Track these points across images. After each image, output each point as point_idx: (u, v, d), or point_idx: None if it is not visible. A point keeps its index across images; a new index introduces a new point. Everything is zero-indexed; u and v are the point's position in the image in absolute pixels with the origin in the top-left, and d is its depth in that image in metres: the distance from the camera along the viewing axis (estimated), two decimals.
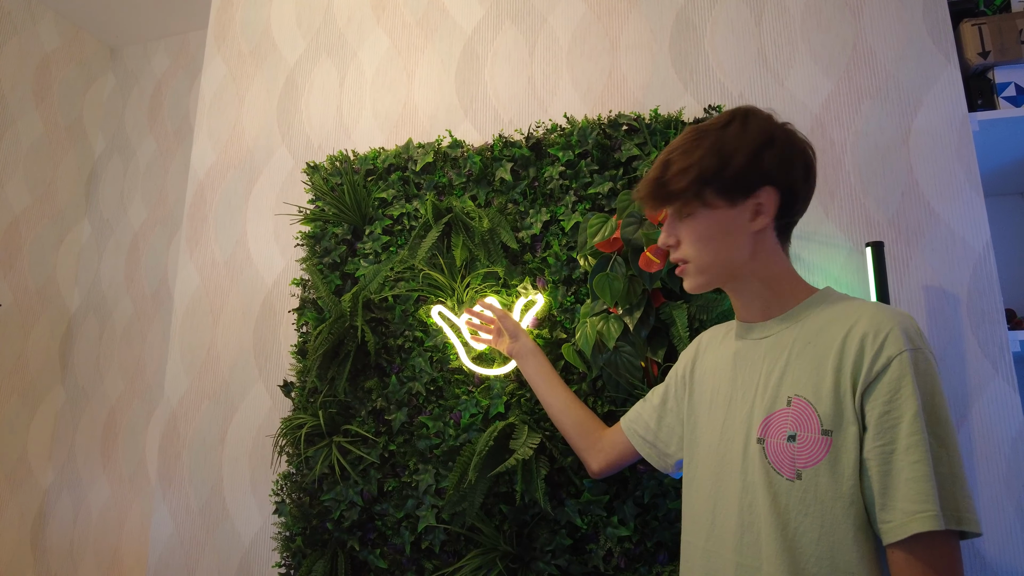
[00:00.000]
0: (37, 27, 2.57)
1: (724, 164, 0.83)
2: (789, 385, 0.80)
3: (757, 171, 0.83)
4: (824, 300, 0.85)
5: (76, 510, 2.45)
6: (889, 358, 0.73)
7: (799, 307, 0.86)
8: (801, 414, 0.78)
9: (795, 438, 0.77)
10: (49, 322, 2.56)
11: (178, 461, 1.74)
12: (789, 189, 0.85)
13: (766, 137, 0.84)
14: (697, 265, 0.88)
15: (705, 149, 0.84)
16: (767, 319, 0.89)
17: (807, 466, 0.76)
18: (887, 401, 0.72)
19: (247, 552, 1.61)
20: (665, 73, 1.53)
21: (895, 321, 0.75)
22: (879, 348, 0.74)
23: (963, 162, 1.30)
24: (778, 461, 0.79)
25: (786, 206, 0.86)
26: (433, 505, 1.38)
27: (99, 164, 2.78)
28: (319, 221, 1.63)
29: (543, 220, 1.43)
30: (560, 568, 1.28)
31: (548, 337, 1.38)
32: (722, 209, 0.85)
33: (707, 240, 0.86)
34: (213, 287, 1.83)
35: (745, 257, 0.86)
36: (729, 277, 0.89)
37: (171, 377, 1.81)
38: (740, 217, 0.85)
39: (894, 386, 0.72)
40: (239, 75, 1.97)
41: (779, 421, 0.80)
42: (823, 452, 0.75)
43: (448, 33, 1.75)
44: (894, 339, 0.74)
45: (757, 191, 0.84)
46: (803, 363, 0.80)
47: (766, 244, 0.87)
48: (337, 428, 1.49)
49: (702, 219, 0.86)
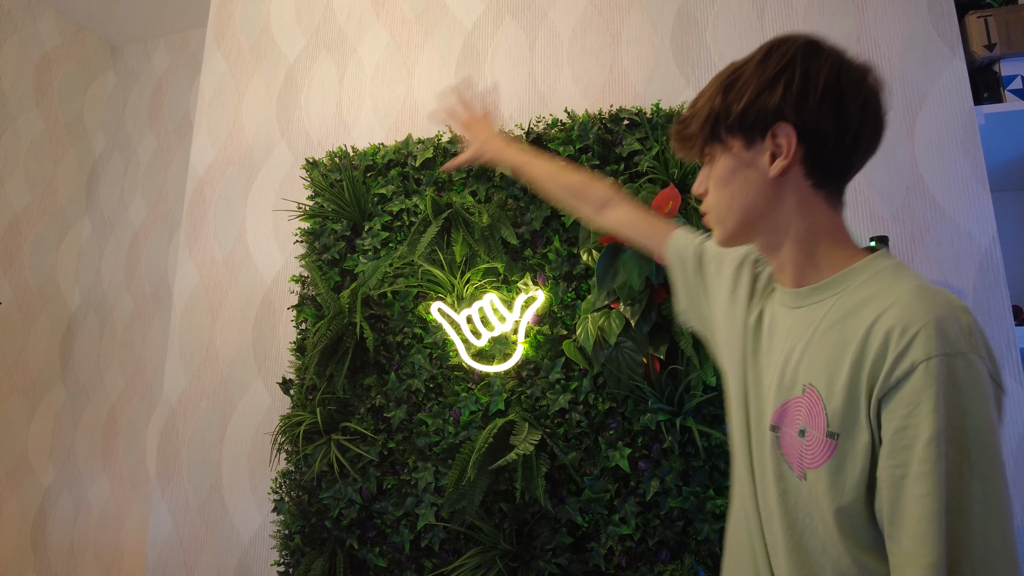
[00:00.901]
0: (37, 25, 2.57)
1: (735, 99, 0.72)
2: (806, 371, 0.69)
3: (769, 104, 0.70)
4: (867, 271, 0.70)
5: (76, 508, 2.44)
6: (913, 364, 0.59)
7: (837, 276, 0.71)
8: (812, 407, 0.67)
9: (804, 433, 0.68)
10: (49, 320, 2.56)
11: (177, 459, 1.73)
12: (809, 126, 0.69)
13: (783, 64, 0.70)
14: (715, 214, 0.78)
15: (719, 84, 0.75)
16: (800, 287, 0.75)
17: (811, 467, 0.66)
18: (904, 416, 0.59)
19: (246, 550, 1.60)
20: (667, 67, 1.51)
21: (932, 315, 0.59)
22: (903, 349, 0.60)
23: (969, 156, 1.29)
24: (790, 454, 0.70)
25: (812, 147, 0.70)
26: (432, 503, 1.37)
27: (99, 162, 2.77)
28: (318, 217, 1.62)
29: (544, 216, 1.41)
30: (560, 567, 1.26)
31: (549, 333, 1.37)
32: (738, 150, 0.74)
33: (723, 184, 0.76)
34: (212, 284, 1.82)
35: (764, 207, 0.74)
36: (750, 230, 0.76)
37: (170, 375, 1.80)
38: (757, 159, 0.73)
39: (914, 399, 0.58)
40: (239, 72, 1.96)
41: (794, 410, 0.70)
42: (825, 456, 0.65)
43: (448, 28, 1.73)
44: (924, 340, 0.59)
45: (772, 128, 0.70)
46: (823, 348, 0.68)
47: (796, 195, 0.72)
48: (336, 426, 1.48)
49: (721, 162, 0.76)
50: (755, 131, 0.72)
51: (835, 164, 0.72)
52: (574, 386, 1.33)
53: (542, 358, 1.37)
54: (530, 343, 1.38)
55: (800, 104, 0.69)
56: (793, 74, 0.70)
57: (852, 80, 0.70)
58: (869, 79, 0.71)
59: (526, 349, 1.38)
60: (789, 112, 0.69)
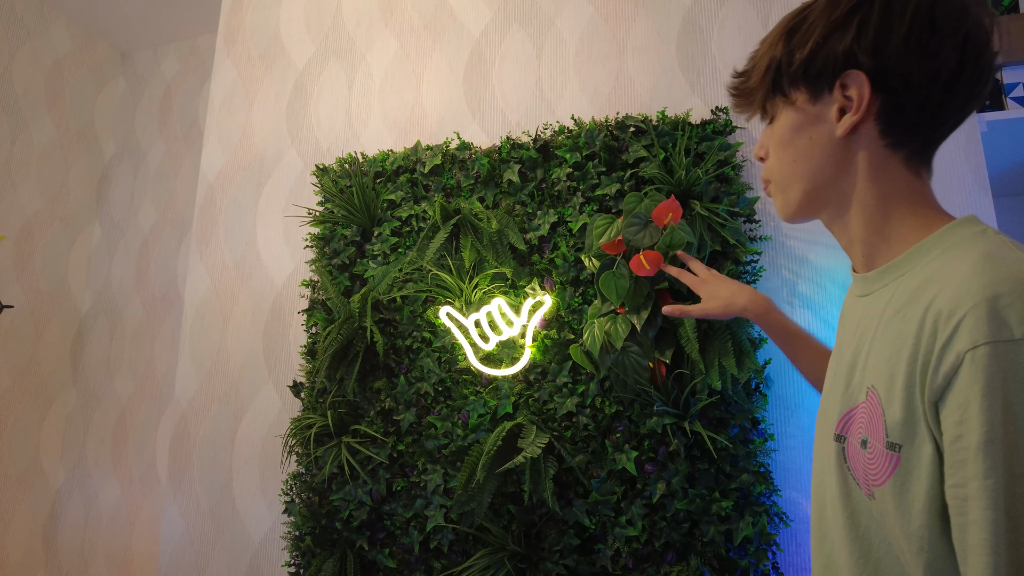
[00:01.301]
0: (49, 32, 2.61)
1: (799, 45, 0.62)
2: (870, 371, 0.58)
3: (838, 48, 0.59)
4: (942, 244, 0.57)
5: (87, 510, 2.47)
6: (959, 355, 0.47)
7: (908, 254, 0.59)
8: (872, 413, 0.56)
9: (866, 444, 0.57)
10: (60, 324, 2.59)
11: (188, 461, 1.76)
12: (888, 71, 0.58)
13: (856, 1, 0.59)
14: (777, 181, 0.69)
15: (782, 28, 0.65)
16: (867, 269, 0.65)
17: (877, 484, 0.55)
18: (958, 422, 0.47)
19: (257, 551, 1.62)
20: (672, 75, 1.53)
21: (988, 292, 0.47)
22: (950, 337, 0.48)
23: (971, 163, 1.30)
24: (856, 468, 0.59)
25: (892, 98, 0.59)
26: (441, 505, 1.39)
27: (110, 167, 2.80)
28: (328, 223, 1.65)
29: (551, 221, 1.43)
30: (568, 568, 1.28)
31: (556, 338, 1.39)
32: (802, 104, 0.64)
33: (785, 145, 0.66)
34: (223, 289, 1.85)
35: (832, 171, 0.63)
36: (817, 199, 0.66)
37: (181, 378, 1.83)
38: (824, 113, 0.62)
39: (963, 399, 0.47)
40: (249, 78, 1.99)
41: (859, 417, 0.59)
42: (888, 471, 0.53)
43: (456, 36, 1.76)
44: (972, 323, 0.47)
45: (842, 76, 0.60)
46: (885, 342, 0.57)
47: (868, 158, 0.62)
48: (346, 428, 1.50)
49: (783, 119, 0.66)
50: (822, 81, 0.62)
51: (919, 119, 0.60)
52: (581, 390, 1.34)
53: (549, 362, 1.39)
54: (537, 347, 1.40)
55: (878, 45, 0.58)
56: (871, 10, 0.59)
57: (951, 9, 0.58)
58: (970, 10, 0.58)
59: (533, 353, 1.40)
60: (863, 56, 0.59)
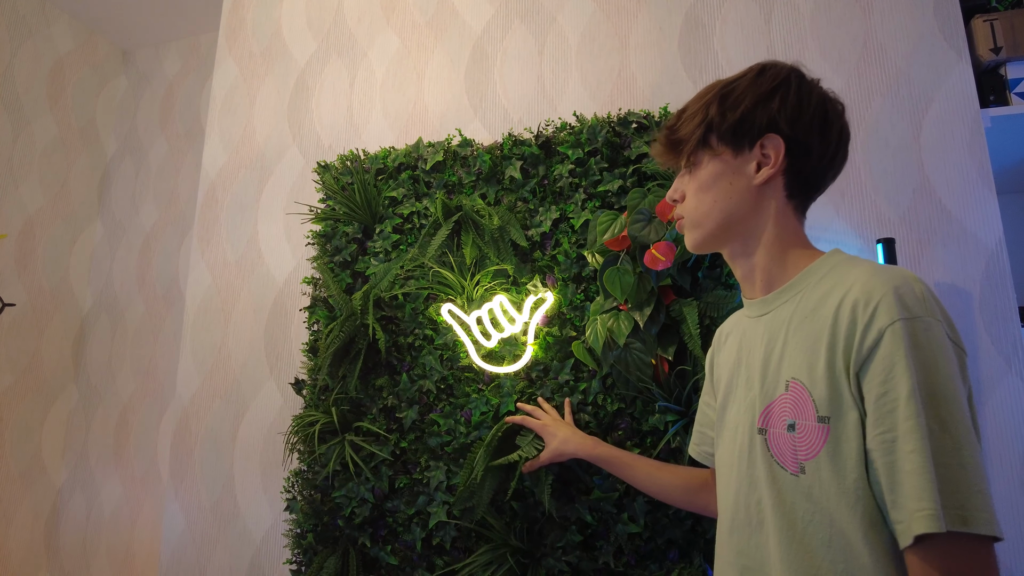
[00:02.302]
0: (51, 30, 2.61)
1: (731, 108, 0.78)
2: (787, 367, 0.73)
3: (763, 116, 0.76)
4: (827, 265, 0.75)
5: (89, 508, 2.47)
6: (880, 330, 0.64)
7: (801, 275, 0.77)
8: (798, 400, 0.70)
9: (794, 427, 0.70)
10: (62, 322, 2.59)
11: (190, 459, 1.76)
12: (798, 140, 0.77)
13: (778, 82, 0.77)
14: (693, 218, 0.82)
15: (714, 94, 0.80)
16: (766, 293, 0.81)
17: (808, 458, 0.68)
18: (882, 381, 0.63)
19: (258, 549, 1.62)
20: (674, 71, 1.53)
21: (890, 285, 0.65)
22: (869, 319, 0.65)
23: (975, 158, 1.30)
24: (780, 453, 0.71)
25: (796, 160, 0.77)
26: (444, 501, 1.39)
27: (111, 165, 2.80)
28: (330, 220, 1.64)
29: (553, 218, 1.43)
30: (570, 564, 1.28)
31: (558, 335, 1.38)
32: (726, 157, 0.79)
33: (707, 189, 0.80)
34: (224, 286, 1.85)
35: (745, 212, 0.79)
36: (727, 233, 0.81)
37: (183, 376, 1.83)
38: (744, 167, 0.78)
39: (887, 363, 0.63)
40: (250, 76, 1.99)
41: (779, 408, 0.72)
42: (820, 442, 0.67)
43: (458, 33, 1.76)
44: (886, 307, 0.64)
45: (762, 138, 0.77)
46: (799, 341, 0.72)
47: (773, 203, 0.79)
48: (349, 425, 1.50)
49: (705, 167, 0.80)
50: (745, 140, 0.78)
51: (812, 179, 0.80)
52: (583, 387, 1.34)
53: (551, 359, 1.38)
54: (539, 344, 1.40)
55: (794, 118, 0.76)
56: (788, 91, 0.77)
57: (835, 108, 0.79)
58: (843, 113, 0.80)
59: (535, 350, 1.40)
60: (783, 124, 0.76)
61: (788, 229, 0.80)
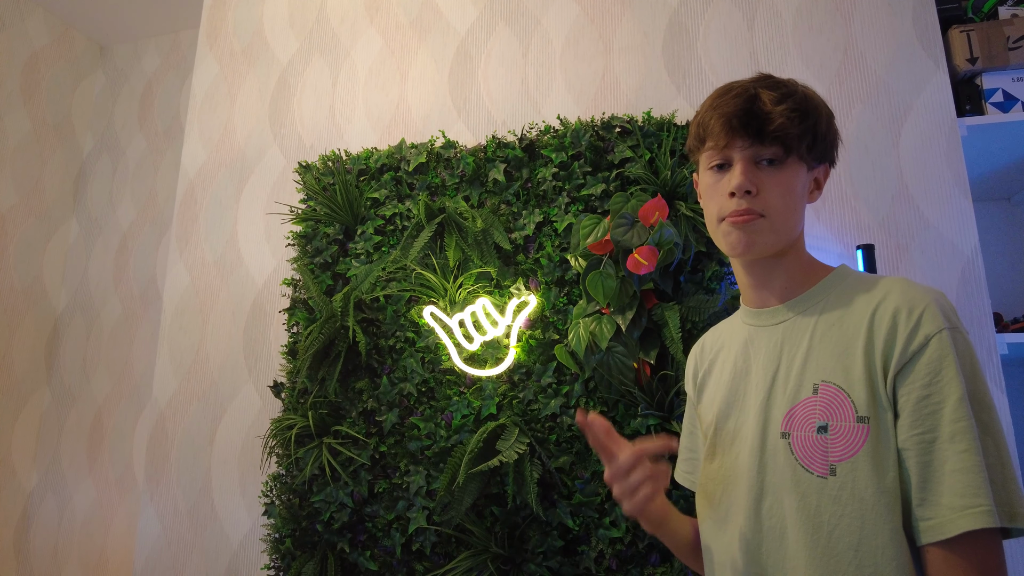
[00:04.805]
0: (26, 24, 2.55)
1: (827, 128, 0.79)
2: (814, 371, 0.73)
3: (833, 143, 0.81)
4: (843, 278, 0.79)
5: (61, 513, 2.41)
6: (927, 336, 0.66)
7: (817, 287, 0.79)
8: (832, 402, 0.71)
9: (827, 429, 0.70)
10: (35, 322, 2.53)
11: (166, 463, 1.72)
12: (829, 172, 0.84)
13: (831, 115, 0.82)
14: (774, 222, 0.77)
15: (819, 103, 0.79)
16: (783, 301, 0.81)
17: (843, 459, 0.68)
18: (927, 384, 0.65)
19: (236, 554, 1.60)
20: (658, 76, 1.53)
21: (929, 297, 0.69)
22: (915, 325, 0.67)
23: (952, 167, 1.32)
24: (807, 456, 0.71)
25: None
26: (424, 507, 1.37)
27: (87, 163, 2.75)
28: (311, 221, 1.62)
29: (536, 221, 1.43)
30: (551, 570, 1.27)
31: (541, 338, 1.38)
32: (803, 169, 0.79)
33: (796, 196, 0.78)
34: (203, 287, 1.82)
35: (800, 228, 0.81)
36: (785, 245, 0.79)
37: (159, 378, 1.79)
38: (807, 182, 0.80)
39: (934, 367, 0.65)
40: (231, 74, 1.96)
41: (805, 411, 0.72)
42: (860, 441, 0.68)
43: (442, 34, 1.75)
44: (931, 316, 0.67)
45: (825, 163, 0.82)
46: (828, 346, 0.73)
47: (803, 221, 0.82)
48: (327, 429, 1.48)
49: (791, 172, 0.77)
50: (820, 163, 0.82)
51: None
52: (565, 390, 1.34)
53: (534, 362, 1.38)
54: (522, 347, 1.39)
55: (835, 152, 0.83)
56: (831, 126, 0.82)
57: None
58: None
59: (518, 353, 1.39)
60: (833, 156, 0.83)
61: (804, 245, 0.83)
